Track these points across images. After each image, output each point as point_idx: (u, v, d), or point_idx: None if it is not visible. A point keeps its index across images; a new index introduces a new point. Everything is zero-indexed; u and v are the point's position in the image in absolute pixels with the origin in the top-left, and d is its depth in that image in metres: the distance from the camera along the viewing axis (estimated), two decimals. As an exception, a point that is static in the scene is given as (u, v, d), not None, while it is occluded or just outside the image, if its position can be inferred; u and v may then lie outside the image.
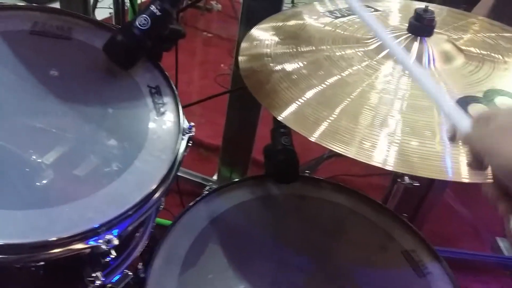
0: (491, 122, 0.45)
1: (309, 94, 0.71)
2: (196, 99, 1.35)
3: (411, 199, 1.17)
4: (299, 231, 0.87)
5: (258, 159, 1.49)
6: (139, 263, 0.73)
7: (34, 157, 0.64)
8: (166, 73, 0.76)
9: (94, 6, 1.95)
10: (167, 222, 1.15)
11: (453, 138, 0.51)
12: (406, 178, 1.02)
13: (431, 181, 1.23)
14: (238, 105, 1.34)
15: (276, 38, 0.86)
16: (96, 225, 0.57)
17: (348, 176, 1.62)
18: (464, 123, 0.48)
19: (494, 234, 1.61)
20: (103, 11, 1.99)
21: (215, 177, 1.57)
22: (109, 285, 0.74)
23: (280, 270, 0.80)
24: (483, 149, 0.45)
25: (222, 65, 2.09)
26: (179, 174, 0.82)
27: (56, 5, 1.28)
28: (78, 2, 1.28)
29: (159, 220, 0.91)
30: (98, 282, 0.65)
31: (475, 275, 1.46)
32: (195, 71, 2.13)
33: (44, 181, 0.61)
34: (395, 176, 1.07)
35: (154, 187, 0.63)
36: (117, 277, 0.73)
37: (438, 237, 1.51)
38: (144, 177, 0.64)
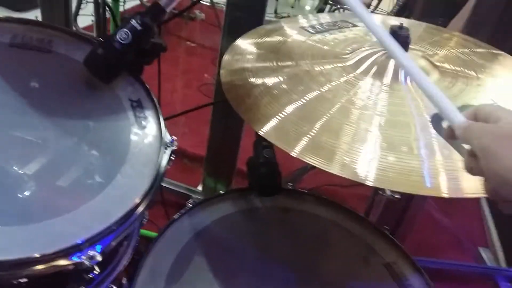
0: (491, 119, 0.44)
1: (290, 109, 0.72)
2: (179, 108, 1.36)
3: (393, 211, 1.19)
4: (283, 244, 0.88)
5: (243, 170, 1.50)
6: (123, 278, 0.73)
7: (15, 168, 0.64)
8: (148, 86, 0.77)
9: (76, 14, 1.95)
10: (152, 234, 1.15)
11: (449, 135, 0.50)
12: (387, 190, 1.04)
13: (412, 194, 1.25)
14: (222, 115, 1.35)
15: (257, 52, 0.87)
16: (79, 241, 0.57)
17: (332, 186, 1.63)
18: (460, 117, 0.48)
19: (476, 244, 1.64)
20: (85, 18, 1.98)
21: (199, 188, 1.57)
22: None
23: (263, 284, 0.80)
24: (480, 148, 0.44)
25: (205, 75, 2.10)
26: (163, 185, 0.82)
27: (38, 12, 1.28)
28: (60, 10, 1.28)
29: (143, 231, 0.91)
30: (82, 297, 0.65)
31: (458, 285, 1.48)
32: (178, 80, 2.13)
33: (27, 195, 0.61)
34: (375, 189, 1.09)
35: (137, 201, 0.63)
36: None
37: (421, 248, 1.53)
38: (126, 191, 0.64)
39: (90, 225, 0.59)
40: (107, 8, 1.35)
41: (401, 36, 0.77)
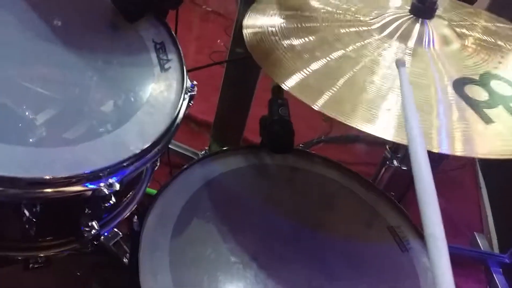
0: None
1: (314, 66, 0.73)
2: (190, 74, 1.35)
3: (397, 184, 1.20)
4: (289, 202, 0.89)
5: (249, 138, 1.51)
6: (134, 216, 0.74)
7: (37, 102, 0.64)
8: (172, 30, 0.77)
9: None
10: (155, 191, 1.16)
11: None
12: (395, 161, 1.05)
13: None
14: (233, 81, 1.34)
15: (280, 13, 0.87)
16: (99, 168, 0.58)
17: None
18: None
19: (472, 230, 1.66)
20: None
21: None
22: (101, 239, 0.75)
23: (267, 237, 0.82)
24: None
25: (218, 41, 2.09)
26: (169, 146, 0.83)
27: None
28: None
29: (148, 189, 0.92)
30: (93, 231, 0.67)
31: (452, 268, 1.50)
32: (191, 45, 2.12)
33: (48, 124, 0.61)
34: (384, 160, 1.09)
35: (156, 138, 0.64)
36: (111, 229, 0.75)
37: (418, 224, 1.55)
38: (146, 128, 0.65)
39: (110, 155, 0.60)
40: None
41: (428, 2, 0.77)
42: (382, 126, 0.65)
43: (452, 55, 0.77)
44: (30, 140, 0.59)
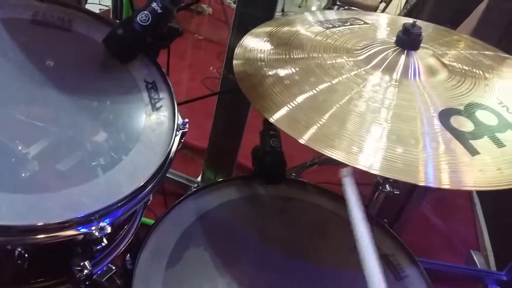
0: None
1: (300, 98, 0.74)
2: (183, 100, 1.37)
3: (391, 208, 1.21)
4: (283, 232, 0.89)
5: (243, 164, 1.52)
6: (127, 255, 0.74)
7: (30, 144, 0.65)
8: (163, 69, 0.79)
9: (85, 1, 1.96)
10: (150, 221, 1.16)
11: None
12: (387, 186, 1.06)
13: (411, 191, 1.27)
14: (226, 108, 1.36)
15: (269, 44, 0.89)
16: (90, 212, 0.58)
17: (330, 184, 1.65)
18: None
19: (468, 248, 1.66)
20: (94, 6, 1.99)
21: (199, 179, 1.58)
22: (94, 277, 0.75)
23: (261, 268, 0.82)
24: None
25: (211, 67, 2.11)
26: None
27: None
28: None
29: (143, 219, 0.92)
30: (85, 271, 0.66)
31: (448, 286, 1.50)
32: (184, 73, 2.14)
33: (41, 167, 0.62)
34: (376, 184, 1.10)
35: (148, 178, 0.64)
36: (103, 268, 0.74)
37: (414, 248, 1.54)
38: (138, 168, 0.65)
39: (101, 198, 0.61)
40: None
41: (413, 34, 0.79)
42: (369, 159, 0.66)
43: (437, 85, 0.78)
44: (23, 183, 0.60)
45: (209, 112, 1.38)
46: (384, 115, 0.72)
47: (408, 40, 0.80)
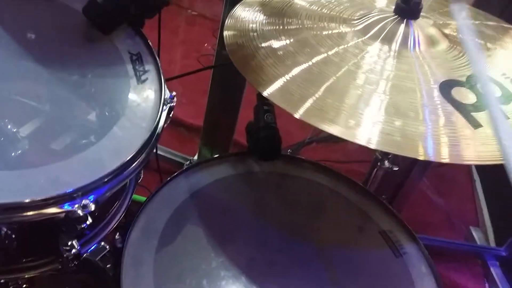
0: None
1: (295, 71, 0.71)
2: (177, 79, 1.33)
3: (389, 184, 1.19)
4: (279, 209, 0.87)
5: (240, 141, 1.49)
6: (117, 234, 0.72)
7: (10, 120, 0.62)
8: (149, 40, 0.75)
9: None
10: (143, 199, 1.14)
11: None
12: (386, 162, 1.03)
13: (410, 167, 1.25)
14: (221, 84, 1.32)
15: (262, 15, 0.85)
16: (72, 189, 0.56)
17: (328, 162, 1.63)
18: None
19: (467, 224, 1.65)
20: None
21: (195, 158, 1.56)
22: (85, 256, 0.73)
23: (258, 247, 0.80)
24: None
25: (205, 44, 2.06)
26: (159, 152, 0.79)
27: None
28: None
29: (136, 196, 0.90)
30: (73, 251, 0.64)
31: (447, 262, 1.49)
32: (178, 50, 2.09)
33: (20, 144, 0.59)
34: (375, 160, 1.08)
35: (132, 154, 0.62)
36: (93, 247, 0.72)
37: (413, 225, 1.53)
38: (123, 144, 0.63)
39: (84, 174, 0.58)
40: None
41: (412, 2, 0.75)
42: (366, 134, 0.63)
43: (438, 56, 0.75)
44: (1, 160, 0.57)
45: (204, 90, 1.34)
46: (383, 87, 0.69)
47: (407, 9, 0.77)
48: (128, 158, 0.61)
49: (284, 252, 0.80)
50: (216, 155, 0.93)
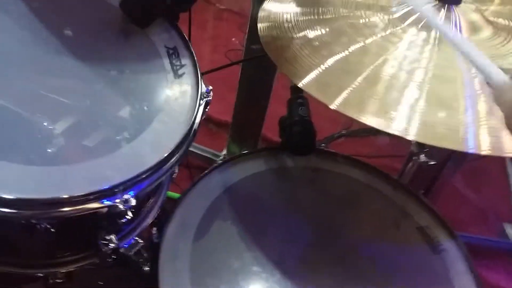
0: None
1: (331, 61, 0.69)
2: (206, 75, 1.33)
3: (423, 179, 1.16)
4: (312, 204, 0.86)
5: (268, 136, 1.48)
6: (153, 228, 0.73)
7: (48, 116, 0.62)
8: (184, 34, 0.74)
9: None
10: (176, 195, 1.14)
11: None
12: (422, 156, 1.01)
13: (445, 160, 1.22)
14: (249, 79, 1.32)
15: (295, 5, 0.83)
16: (114, 184, 0.56)
17: (358, 156, 1.60)
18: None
19: (501, 220, 1.60)
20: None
21: (224, 153, 1.56)
22: (121, 250, 0.73)
23: (291, 243, 0.79)
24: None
25: (233, 39, 2.05)
26: None
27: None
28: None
29: (169, 193, 0.91)
30: (111, 245, 0.65)
31: (480, 260, 1.45)
32: (206, 45, 2.09)
33: (62, 139, 0.60)
34: (410, 154, 1.05)
35: (172, 149, 0.61)
36: (130, 242, 0.73)
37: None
38: (162, 138, 0.63)
39: (125, 169, 0.58)
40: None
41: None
42: (404, 125, 0.61)
43: (481, 43, 0.72)
44: (44, 156, 0.58)
45: (232, 85, 1.34)
46: (423, 76, 0.67)
47: (449, -7, 0.74)
48: (167, 153, 0.60)
49: (317, 247, 0.79)
50: (249, 150, 0.92)
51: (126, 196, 0.56)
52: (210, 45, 2.11)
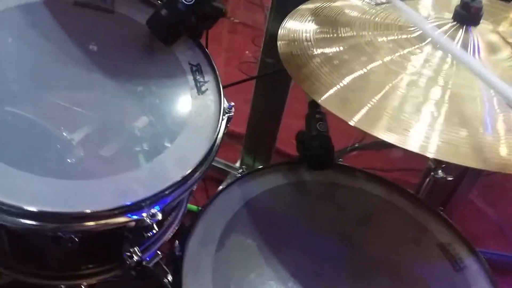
0: None
1: (350, 78, 0.70)
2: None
3: (439, 194, 1.16)
4: (331, 219, 0.86)
5: (281, 149, 1.49)
6: (176, 241, 0.74)
7: (74, 130, 0.64)
8: (207, 51, 0.76)
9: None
10: (193, 207, 1.16)
11: None
12: (440, 171, 1.01)
13: (461, 176, 1.21)
14: (264, 92, 1.33)
15: (314, 24, 0.85)
16: (140, 199, 0.57)
17: (372, 170, 1.60)
18: None
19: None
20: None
21: (237, 164, 1.57)
22: (144, 263, 0.74)
23: (309, 257, 0.80)
24: None
25: (246, 52, 2.08)
26: None
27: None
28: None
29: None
30: (135, 258, 0.66)
31: (501, 276, 1.43)
32: (220, 57, 2.12)
33: (89, 153, 0.61)
34: (427, 170, 1.05)
35: (197, 164, 0.63)
36: (152, 255, 0.74)
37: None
38: (186, 154, 0.64)
39: (151, 184, 0.60)
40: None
41: (473, 8, 0.73)
42: (423, 142, 0.62)
43: (500, 64, 0.73)
44: (71, 169, 0.59)
45: (246, 97, 1.35)
46: (442, 95, 0.68)
47: (467, 15, 0.75)
48: (192, 168, 0.62)
49: (335, 263, 0.79)
50: (267, 165, 0.93)
51: (153, 211, 0.58)
52: (224, 57, 2.13)
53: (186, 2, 0.69)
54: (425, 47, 0.75)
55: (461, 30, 0.75)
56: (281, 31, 0.84)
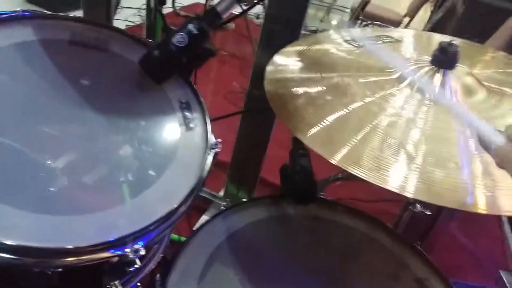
0: None
1: (332, 118, 0.73)
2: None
3: (418, 227, 1.18)
4: (312, 253, 0.87)
5: (266, 178, 1.50)
6: (157, 275, 0.74)
7: (62, 164, 0.65)
8: (196, 89, 0.78)
9: (114, 16, 1.99)
10: (174, 236, 1.15)
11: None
12: (418, 205, 1.03)
13: (439, 210, 1.24)
14: (250, 124, 1.35)
15: (300, 63, 0.88)
16: (124, 235, 0.58)
17: (353, 200, 1.62)
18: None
19: (497, 267, 1.61)
20: (120, 23, 2.02)
21: (221, 193, 1.58)
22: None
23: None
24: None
25: (234, 82, 2.12)
26: None
27: (77, 14, 1.30)
28: (102, 13, 1.30)
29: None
30: (115, 291, 0.66)
31: (479, 309, 1.45)
32: (208, 88, 2.15)
33: (73, 188, 0.62)
34: (406, 203, 1.08)
35: (182, 199, 0.64)
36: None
37: (442, 268, 1.51)
38: (172, 189, 0.65)
39: (136, 219, 0.60)
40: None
41: (450, 53, 0.77)
42: (401, 182, 0.64)
43: (476, 106, 0.76)
44: (56, 203, 0.59)
45: (231, 126, 1.37)
46: (420, 136, 0.70)
47: (445, 59, 0.79)
48: (178, 204, 0.63)
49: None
50: (252, 198, 0.94)
51: (136, 246, 0.58)
52: (211, 88, 2.17)
53: (178, 44, 0.71)
54: (405, 89, 0.78)
55: (438, 73, 0.79)
56: (268, 68, 0.87)
